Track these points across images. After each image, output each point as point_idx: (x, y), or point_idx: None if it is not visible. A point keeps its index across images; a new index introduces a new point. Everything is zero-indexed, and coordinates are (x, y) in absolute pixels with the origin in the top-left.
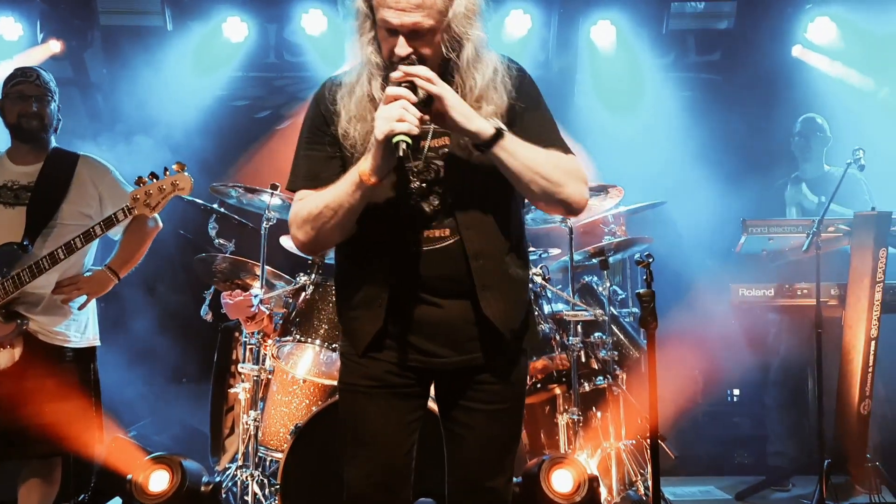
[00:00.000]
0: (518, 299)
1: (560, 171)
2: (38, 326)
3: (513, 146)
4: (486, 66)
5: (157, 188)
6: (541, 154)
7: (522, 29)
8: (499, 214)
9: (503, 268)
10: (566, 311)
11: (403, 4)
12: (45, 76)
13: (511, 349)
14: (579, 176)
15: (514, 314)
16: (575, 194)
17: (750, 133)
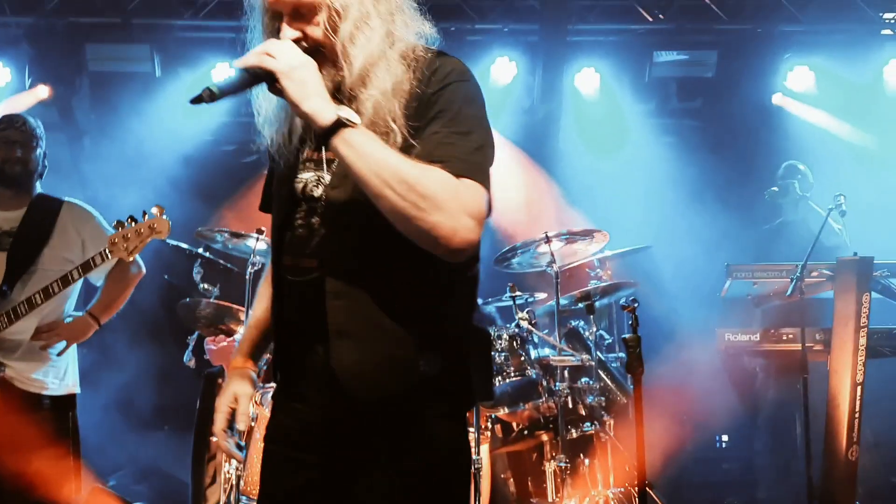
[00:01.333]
0: (389, 356)
1: (424, 190)
2: (15, 373)
3: (359, 142)
4: (369, 40)
5: (135, 231)
6: (402, 164)
7: (508, 76)
8: (384, 249)
9: (371, 315)
10: (553, 356)
11: None
12: (32, 123)
13: (401, 420)
14: (459, 206)
15: (377, 374)
16: (443, 226)
17: (732, 178)
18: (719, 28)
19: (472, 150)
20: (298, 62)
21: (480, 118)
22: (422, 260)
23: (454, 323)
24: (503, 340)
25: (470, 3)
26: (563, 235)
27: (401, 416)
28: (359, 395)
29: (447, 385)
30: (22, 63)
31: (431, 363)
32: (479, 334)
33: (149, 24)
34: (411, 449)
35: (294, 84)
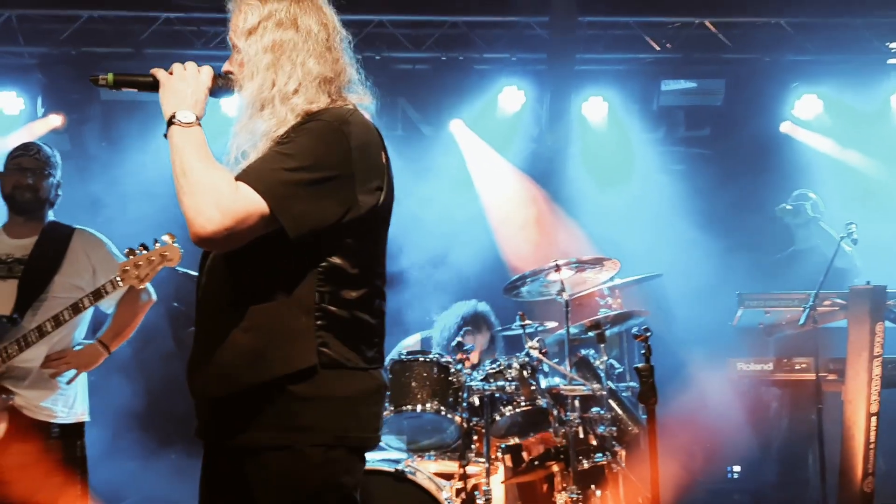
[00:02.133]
0: (220, 363)
1: (191, 179)
2: (24, 401)
3: (176, 137)
4: (256, 89)
5: (146, 259)
6: (191, 158)
7: (516, 105)
8: (238, 259)
9: (219, 321)
10: (563, 386)
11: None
12: (46, 151)
13: (241, 438)
14: (212, 200)
15: (211, 379)
16: (189, 210)
17: (741, 206)
18: (726, 57)
19: (272, 167)
20: (181, 77)
21: (312, 148)
22: (268, 271)
23: (282, 345)
24: (513, 370)
25: (477, 32)
26: (574, 263)
27: (234, 436)
28: (194, 392)
29: (280, 410)
30: (35, 92)
31: (251, 375)
32: (354, 376)
33: (160, 53)
34: (247, 478)
35: (164, 90)
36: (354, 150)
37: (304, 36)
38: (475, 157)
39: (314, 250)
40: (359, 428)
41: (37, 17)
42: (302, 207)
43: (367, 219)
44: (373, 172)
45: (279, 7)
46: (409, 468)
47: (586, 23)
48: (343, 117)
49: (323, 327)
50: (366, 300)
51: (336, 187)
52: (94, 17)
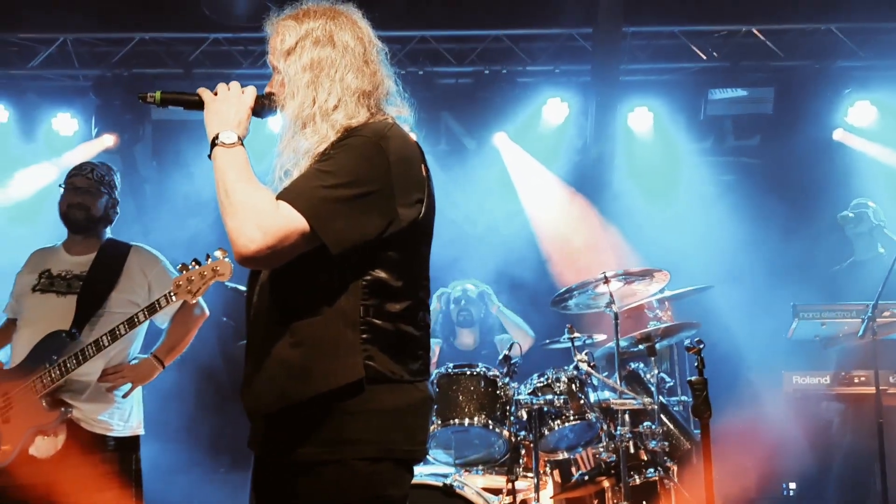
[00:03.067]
0: (270, 379)
1: (233, 200)
2: (82, 414)
3: (220, 158)
4: (297, 108)
5: (199, 274)
6: (234, 178)
7: (560, 117)
8: (284, 276)
9: (269, 338)
10: (614, 400)
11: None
12: (101, 171)
13: (293, 453)
14: (253, 220)
15: (263, 394)
16: (232, 230)
17: (794, 216)
18: (776, 65)
19: (311, 185)
20: (224, 98)
21: (351, 164)
22: (314, 290)
23: (329, 360)
24: (562, 383)
25: (521, 46)
26: (622, 275)
27: (286, 451)
28: (247, 407)
29: (330, 424)
30: (89, 113)
31: (300, 391)
32: (401, 389)
33: (209, 73)
34: (298, 492)
35: (208, 111)
36: (393, 165)
37: (341, 52)
38: (520, 170)
39: (357, 264)
40: (405, 441)
41: (91, 40)
42: (343, 223)
43: (408, 232)
44: (413, 186)
45: (315, 25)
46: (457, 482)
47: (631, 33)
48: (381, 132)
49: (368, 340)
50: (410, 313)
51: (376, 202)
52: (144, 39)
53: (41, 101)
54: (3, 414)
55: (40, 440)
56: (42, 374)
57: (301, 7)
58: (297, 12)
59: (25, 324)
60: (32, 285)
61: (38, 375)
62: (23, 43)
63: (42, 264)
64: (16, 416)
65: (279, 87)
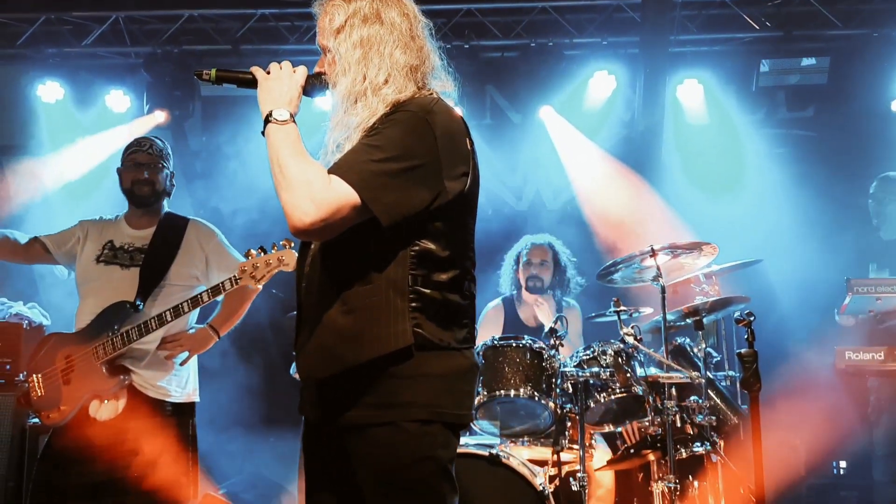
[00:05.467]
0: (323, 346)
1: (287, 174)
2: (142, 380)
3: (273, 135)
4: (348, 84)
5: (264, 262)
6: (288, 153)
7: (607, 90)
8: (336, 247)
9: (321, 306)
10: (660, 374)
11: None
12: (159, 145)
13: (347, 417)
14: (306, 193)
15: (316, 360)
16: (287, 203)
17: (848, 190)
18: (831, 34)
19: (361, 159)
20: (277, 77)
21: (399, 138)
22: (367, 260)
23: (380, 326)
24: (608, 356)
25: (567, 18)
26: (669, 249)
27: (340, 415)
28: (301, 373)
29: (382, 389)
30: (140, 90)
31: (352, 356)
32: (448, 356)
33: (256, 49)
34: (353, 454)
35: (261, 88)
36: (440, 139)
37: (388, 28)
38: (566, 144)
39: (406, 235)
40: (453, 405)
41: (142, 18)
42: (392, 196)
43: (454, 204)
44: (458, 159)
45: (363, 4)
46: (503, 452)
47: (681, 3)
48: (428, 107)
49: (416, 309)
50: (456, 282)
51: (423, 175)
52: (193, 16)
53: (95, 79)
54: (66, 376)
55: (102, 404)
56: (104, 341)
57: None
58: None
59: (90, 293)
60: (96, 256)
61: (100, 342)
62: (77, 21)
63: (105, 235)
64: (77, 378)
65: (329, 65)
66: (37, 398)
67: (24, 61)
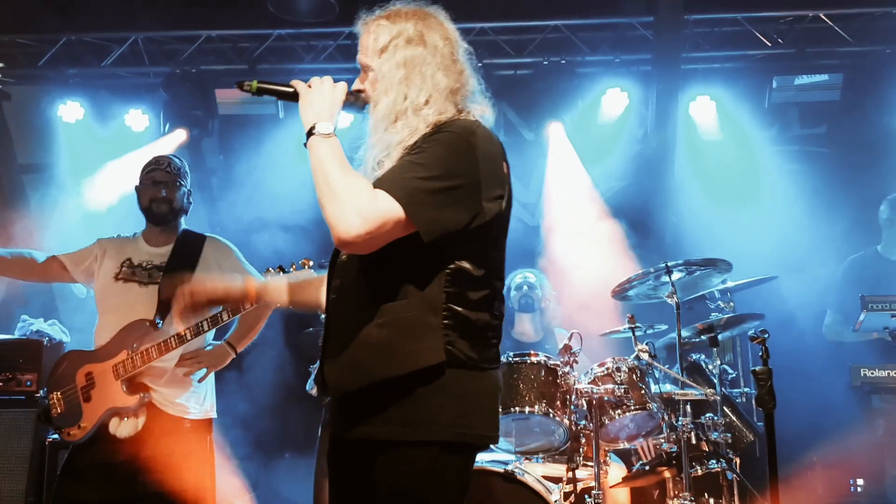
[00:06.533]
0: (354, 358)
1: (334, 186)
2: (161, 397)
3: (317, 148)
4: (387, 105)
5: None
6: (333, 166)
7: (619, 107)
8: (374, 260)
9: (354, 318)
10: (675, 391)
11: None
12: (177, 163)
13: (370, 432)
14: (353, 206)
15: (346, 372)
16: (333, 215)
17: (862, 206)
18: (844, 51)
19: (406, 176)
20: (318, 91)
21: (443, 158)
22: (400, 276)
23: (412, 341)
24: (622, 373)
25: (579, 36)
26: (684, 266)
27: (364, 431)
28: (328, 387)
29: (408, 406)
30: (158, 109)
31: (382, 370)
32: (477, 375)
33: (273, 68)
34: (373, 470)
35: (303, 102)
36: (481, 161)
37: (431, 51)
38: (559, 165)
39: (443, 253)
40: (481, 425)
41: (160, 38)
42: (435, 213)
43: (491, 225)
44: (496, 182)
45: (407, 26)
46: (518, 469)
47: (693, 20)
48: (470, 129)
49: (449, 326)
50: (487, 301)
51: (465, 195)
52: (211, 36)
53: (114, 98)
54: (86, 393)
55: (123, 421)
56: (124, 359)
57: (391, 8)
58: (388, 13)
59: (108, 310)
60: (115, 273)
61: (120, 360)
62: (97, 42)
63: (123, 253)
64: (97, 396)
65: (370, 84)
66: (57, 415)
67: (46, 82)
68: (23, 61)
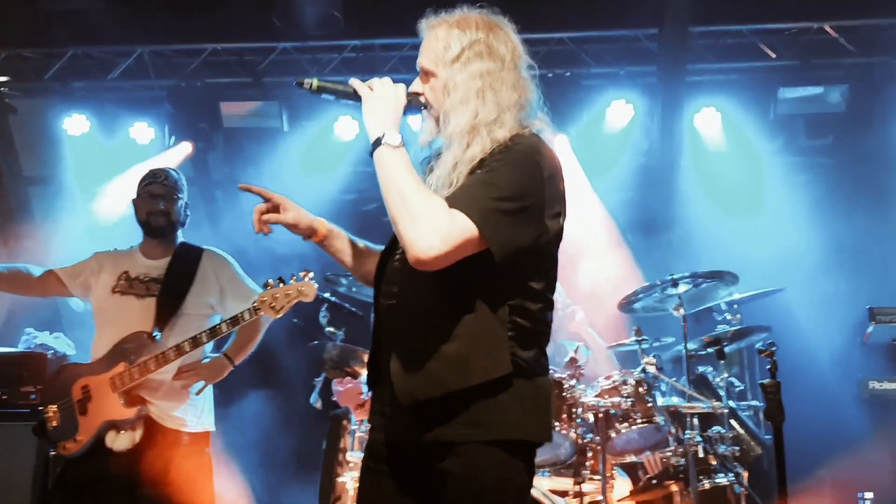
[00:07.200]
0: (425, 369)
1: (411, 205)
2: (158, 410)
3: (386, 159)
4: (462, 117)
5: (284, 293)
6: (407, 183)
7: (625, 119)
8: (445, 275)
9: (421, 331)
10: (682, 404)
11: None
12: (174, 176)
13: (439, 434)
14: (432, 226)
15: (418, 383)
16: (411, 235)
17: (869, 217)
18: (849, 62)
19: (481, 196)
20: (382, 95)
21: (514, 179)
22: (472, 296)
23: (484, 354)
24: (629, 386)
25: (585, 49)
26: (690, 279)
27: (433, 433)
28: (398, 398)
29: (475, 409)
30: (163, 122)
31: (456, 380)
32: (536, 382)
33: (278, 82)
34: (441, 471)
35: (367, 107)
36: (546, 181)
37: (500, 64)
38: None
39: (509, 269)
40: (540, 427)
41: (166, 52)
42: (507, 233)
43: (551, 241)
44: (557, 200)
45: (479, 36)
46: None
47: (697, 33)
48: (536, 147)
49: (513, 337)
50: (544, 312)
51: (533, 215)
52: (216, 49)
53: (120, 111)
54: (82, 406)
55: (119, 434)
56: (122, 371)
57: (459, 14)
58: (456, 19)
59: (106, 323)
60: (111, 286)
61: (118, 373)
62: (102, 55)
63: (120, 266)
64: (93, 409)
65: (430, 90)
66: (52, 428)
67: (51, 95)
68: (29, 74)
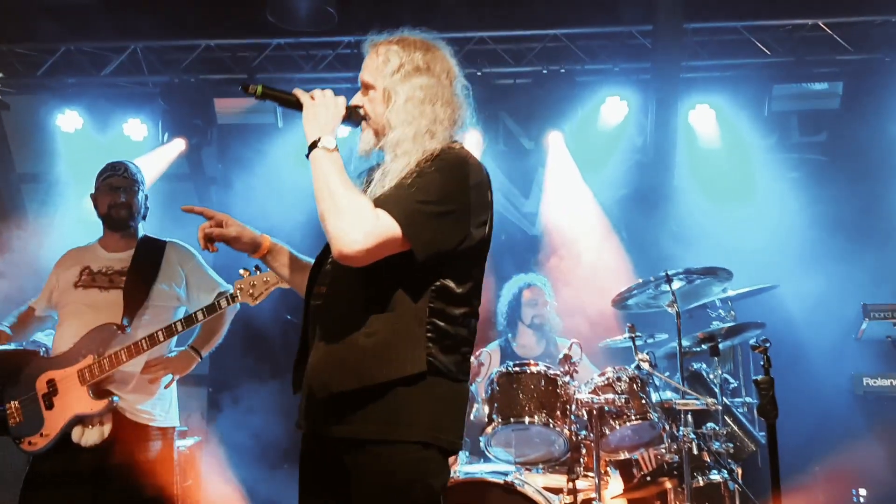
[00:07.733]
0: (343, 361)
1: (338, 202)
2: (127, 405)
3: (320, 161)
4: (401, 130)
5: (262, 280)
6: (337, 183)
7: (619, 115)
8: (367, 274)
9: (343, 326)
10: (676, 400)
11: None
12: (133, 168)
13: (353, 430)
14: (356, 223)
15: (334, 375)
16: (336, 229)
17: (863, 214)
18: (843, 59)
19: (406, 198)
20: (322, 104)
21: (441, 184)
22: (394, 293)
23: (400, 350)
24: (623, 382)
25: (579, 45)
26: (684, 275)
27: (347, 428)
28: (312, 390)
29: (390, 408)
30: (157, 118)
31: (370, 375)
32: (452, 385)
33: (272, 77)
34: (353, 466)
35: (307, 113)
36: (472, 189)
37: (436, 81)
38: (558, 174)
39: (430, 271)
40: (451, 431)
41: (159, 48)
42: (430, 235)
43: (475, 248)
44: (482, 209)
45: (418, 55)
46: (517, 480)
47: (691, 29)
48: (465, 157)
49: (431, 339)
50: (466, 318)
51: (457, 219)
52: (210, 45)
53: (113, 108)
54: (48, 400)
55: (87, 429)
56: (91, 364)
57: (399, 35)
58: (397, 39)
59: (69, 316)
60: (74, 281)
61: (86, 366)
62: (95, 52)
63: (81, 261)
64: (60, 403)
65: (370, 102)
66: (15, 424)
67: (44, 91)
68: (22, 71)
